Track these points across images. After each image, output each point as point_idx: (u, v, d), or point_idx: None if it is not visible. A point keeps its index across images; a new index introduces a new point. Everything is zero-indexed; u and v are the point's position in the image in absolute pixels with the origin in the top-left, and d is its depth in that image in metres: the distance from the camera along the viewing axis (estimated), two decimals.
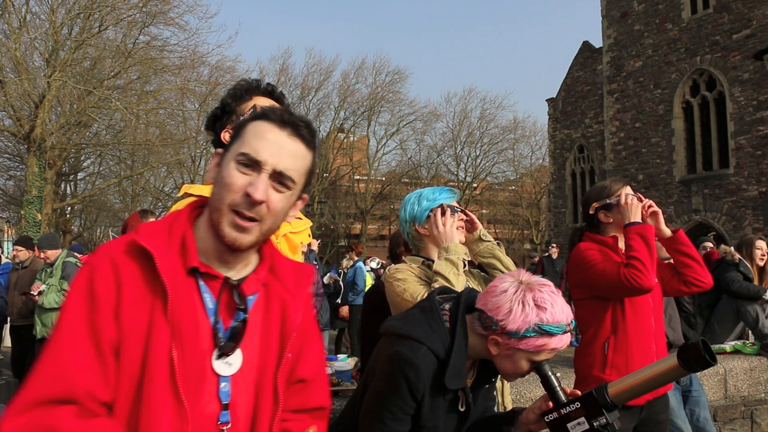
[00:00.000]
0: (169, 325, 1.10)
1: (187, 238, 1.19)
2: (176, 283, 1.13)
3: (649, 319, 2.64)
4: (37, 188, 17.64)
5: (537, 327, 1.47)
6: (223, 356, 1.16)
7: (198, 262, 1.17)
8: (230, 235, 1.16)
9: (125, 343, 1.09)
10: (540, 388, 3.71)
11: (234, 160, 1.17)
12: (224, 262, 1.21)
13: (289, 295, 1.27)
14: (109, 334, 1.09)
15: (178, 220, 1.22)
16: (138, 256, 1.14)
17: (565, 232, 25.01)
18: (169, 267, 1.13)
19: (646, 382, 1.56)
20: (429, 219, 2.26)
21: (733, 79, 18.33)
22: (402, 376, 1.48)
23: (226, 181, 1.17)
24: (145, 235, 1.16)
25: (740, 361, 4.84)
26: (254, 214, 1.16)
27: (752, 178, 17.96)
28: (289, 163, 1.19)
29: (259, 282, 1.25)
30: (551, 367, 1.58)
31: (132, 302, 1.10)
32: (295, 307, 1.26)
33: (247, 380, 1.19)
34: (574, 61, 26.41)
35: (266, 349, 1.22)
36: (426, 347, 1.50)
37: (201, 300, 1.17)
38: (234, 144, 1.21)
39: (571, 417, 1.52)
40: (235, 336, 1.17)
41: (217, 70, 24.22)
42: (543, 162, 41.93)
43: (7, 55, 16.96)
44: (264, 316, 1.24)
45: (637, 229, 2.52)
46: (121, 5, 18.25)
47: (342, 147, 39.45)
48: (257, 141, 1.17)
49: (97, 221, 35.67)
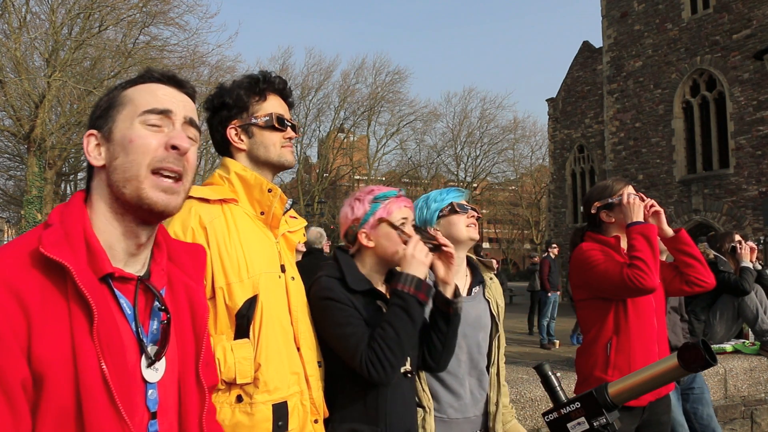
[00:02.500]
0: (96, 345, 0.96)
1: (89, 239, 1.03)
2: (96, 296, 0.98)
3: (652, 319, 2.62)
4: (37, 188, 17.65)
5: (373, 200, 1.87)
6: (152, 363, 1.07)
7: (111, 267, 1.04)
8: (161, 199, 1.05)
9: (47, 377, 0.94)
10: (540, 388, 3.72)
11: (137, 121, 1.07)
12: (134, 252, 1.09)
13: (191, 281, 1.19)
14: (19, 374, 0.92)
15: (69, 218, 1.04)
16: (43, 271, 0.97)
17: (565, 232, 25.01)
18: (86, 279, 0.98)
19: (646, 382, 1.56)
20: (440, 220, 2.23)
21: (733, 79, 18.33)
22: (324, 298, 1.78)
23: (137, 143, 1.05)
24: (50, 245, 0.97)
25: (740, 361, 4.84)
26: (180, 168, 1.07)
27: (752, 178, 17.95)
28: (192, 112, 1.13)
29: (164, 273, 1.15)
30: (551, 367, 1.58)
31: (46, 329, 0.95)
32: (200, 292, 1.20)
33: (172, 382, 1.12)
34: (574, 61, 26.41)
35: (182, 343, 1.15)
36: (323, 275, 1.85)
37: (119, 308, 1.04)
38: (120, 113, 1.08)
39: (571, 417, 1.52)
40: (158, 340, 1.09)
41: (217, 70, 24.22)
42: (543, 162, 41.98)
43: (7, 55, 16.97)
44: (173, 309, 1.14)
45: (639, 229, 2.51)
46: (121, 5, 18.26)
47: (342, 147, 39.45)
48: (154, 97, 1.09)
49: None
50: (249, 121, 1.73)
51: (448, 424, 2.10)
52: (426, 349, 1.92)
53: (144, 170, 1.04)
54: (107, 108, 1.10)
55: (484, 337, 2.22)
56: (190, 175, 1.10)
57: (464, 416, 2.14)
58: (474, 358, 2.18)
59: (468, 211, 2.24)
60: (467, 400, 2.14)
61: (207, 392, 1.16)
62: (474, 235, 2.23)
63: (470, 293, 2.24)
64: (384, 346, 1.66)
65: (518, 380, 3.99)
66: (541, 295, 12.43)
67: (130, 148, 1.05)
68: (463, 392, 2.14)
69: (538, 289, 12.70)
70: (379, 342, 1.67)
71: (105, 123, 1.09)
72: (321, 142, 39.69)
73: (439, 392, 2.12)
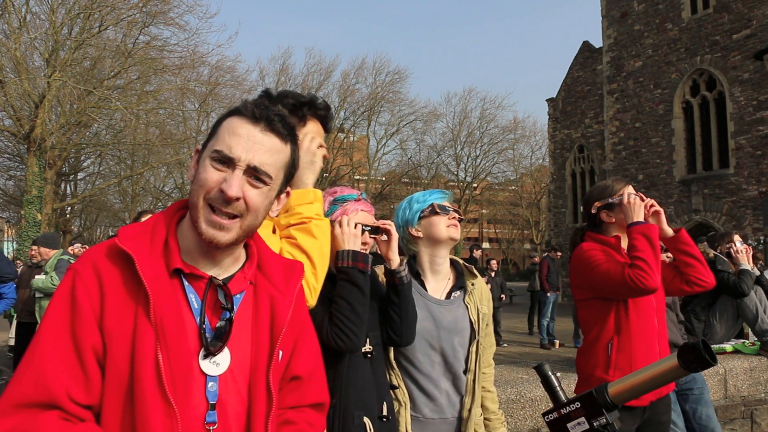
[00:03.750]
0: (153, 328, 1.09)
1: (169, 239, 1.19)
2: (159, 284, 1.12)
3: (653, 319, 2.61)
4: (37, 188, 17.66)
5: (333, 201, 2.04)
6: (210, 356, 1.15)
7: (181, 263, 1.17)
8: (207, 232, 1.15)
9: (111, 348, 1.09)
10: (540, 388, 3.72)
11: (209, 157, 1.17)
12: (211, 259, 1.21)
13: (278, 293, 1.26)
14: (91, 339, 1.09)
15: (160, 221, 1.21)
16: (120, 259, 1.14)
17: (565, 232, 25.02)
18: (150, 269, 1.12)
19: (646, 382, 1.56)
20: (421, 221, 2.26)
21: (733, 79, 18.33)
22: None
23: (201, 177, 1.16)
24: (125, 238, 1.15)
25: (740, 361, 4.84)
26: (232, 210, 1.15)
27: (752, 178, 17.95)
28: (264, 158, 1.17)
29: (246, 280, 1.24)
30: (551, 367, 1.58)
31: (115, 307, 1.11)
32: (285, 304, 1.25)
33: (237, 380, 1.18)
34: (574, 61, 26.41)
35: (257, 347, 1.21)
36: None
37: (186, 300, 1.16)
38: (210, 141, 1.20)
39: (571, 417, 1.52)
40: (221, 335, 1.16)
41: (217, 70, 24.27)
42: (543, 162, 41.99)
43: (7, 55, 16.98)
44: (253, 315, 1.23)
45: (640, 229, 2.50)
46: (121, 5, 18.28)
47: (342, 147, 39.45)
48: (230, 137, 1.17)
49: (97, 221, 35.72)
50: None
51: (425, 423, 2.13)
52: (387, 326, 2.04)
53: (201, 201, 1.16)
54: (211, 132, 1.23)
55: (461, 342, 2.22)
56: (248, 217, 1.18)
57: (441, 416, 2.15)
58: (449, 361, 2.19)
59: (449, 212, 2.26)
60: (443, 401, 2.16)
61: (274, 398, 1.20)
62: (454, 235, 2.26)
63: (449, 297, 2.27)
64: (342, 316, 1.82)
65: (518, 380, 3.99)
66: (541, 296, 12.44)
67: (197, 178, 1.18)
68: (438, 393, 2.16)
69: (538, 290, 12.71)
70: (337, 315, 1.83)
71: (204, 145, 1.22)
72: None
73: (414, 391, 2.15)
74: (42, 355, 1.07)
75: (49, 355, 1.07)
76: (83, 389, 1.08)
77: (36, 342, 1.10)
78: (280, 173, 1.22)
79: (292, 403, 1.29)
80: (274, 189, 1.22)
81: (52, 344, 1.08)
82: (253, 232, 1.23)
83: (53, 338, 1.09)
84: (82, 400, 1.07)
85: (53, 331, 1.09)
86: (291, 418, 1.28)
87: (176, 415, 1.08)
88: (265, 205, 1.20)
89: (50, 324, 1.10)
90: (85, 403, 1.08)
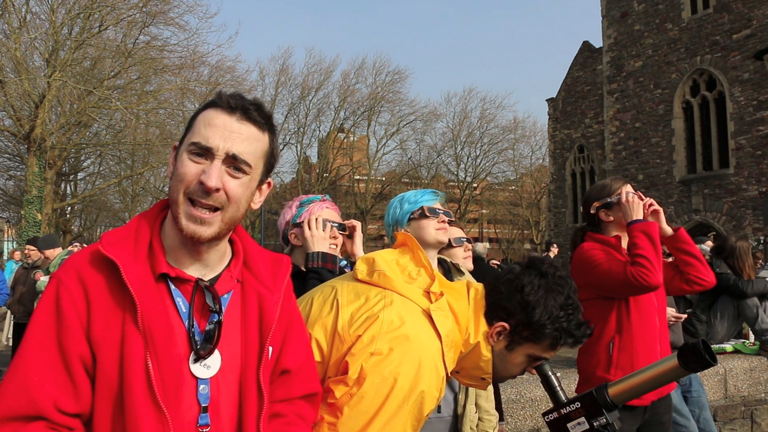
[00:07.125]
0: (142, 335, 1.08)
1: (153, 242, 1.17)
2: (145, 290, 1.10)
3: (654, 318, 2.62)
4: (37, 188, 17.66)
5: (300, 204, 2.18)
6: (200, 359, 1.14)
7: (167, 267, 1.15)
8: (188, 227, 1.13)
9: (100, 357, 1.08)
10: (540, 388, 3.72)
11: (186, 150, 1.15)
12: (196, 257, 1.19)
13: (265, 290, 1.24)
14: (78, 349, 1.08)
15: (143, 224, 1.19)
16: (104, 266, 1.11)
17: (565, 232, 25.01)
18: (135, 275, 1.10)
19: (646, 382, 1.56)
20: (410, 222, 2.24)
21: (733, 79, 18.33)
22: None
23: (179, 171, 1.14)
24: (108, 244, 1.12)
25: (740, 361, 4.84)
26: (212, 202, 1.13)
27: (752, 178, 17.95)
28: (242, 146, 1.15)
29: (233, 278, 1.22)
30: (551, 367, 1.58)
31: (102, 315, 1.09)
32: (273, 301, 1.23)
33: (229, 381, 1.17)
34: (574, 61, 26.40)
35: (246, 347, 1.20)
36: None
37: (174, 305, 1.14)
38: (186, 135, 1.18)
39: (571, 417, 1.52)
40: (211, 338, 1.14)
41: (217, 70, 24.22)
42: (543, 162, 41.94)
43: (7, 55, 16.97)
44: (242, 314, 1.21)
45: (641, 227, 2.50)
46: (121, 5, 18.26)
47: (342, 147, 39.42)
48: (207, 128, 1.14)
49: (97, 221, 35.71)
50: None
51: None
52: None
53: (181, 197, 1.13)
54: (187, 127, 1.20)
55: None
56: (229, 209, 1.15)
57: (436, 415, 2.13)
58: None
59: (439, 215, 2.24)
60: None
61: (265, 395, 1.19)
62: (442, 238, 2.25)
63: None
64: None
65: (518, 380, 3.98)
66: None
67: (175, 174, 1.15)
68: None
69: None
70: None
71: (180, 141, 1.20)
72: (321, 142, 39.66)
73: None
74: (27, 367, 1.06)
75: (34, 366, 1.06)
76: (72, 398, 1.07)
77: (21, 353, 1.08)
78: (260, 162, 1.19)
79: (282, 396, 1.28)
80: (255, 179, 1.19)
81: (38, 355, 1.07)
82: (235, 225, 1.21)
83: (38, 349, 1.07)
84: (70, 410, 1.06)
85: (38, 342, 1.08)
86: (280, 411, 1.27)
87: (168, 421, 1.07)
88: (246, 195, 1.18)
89: (35, 335, 1.08)
90: (74, 412, 1.07)
